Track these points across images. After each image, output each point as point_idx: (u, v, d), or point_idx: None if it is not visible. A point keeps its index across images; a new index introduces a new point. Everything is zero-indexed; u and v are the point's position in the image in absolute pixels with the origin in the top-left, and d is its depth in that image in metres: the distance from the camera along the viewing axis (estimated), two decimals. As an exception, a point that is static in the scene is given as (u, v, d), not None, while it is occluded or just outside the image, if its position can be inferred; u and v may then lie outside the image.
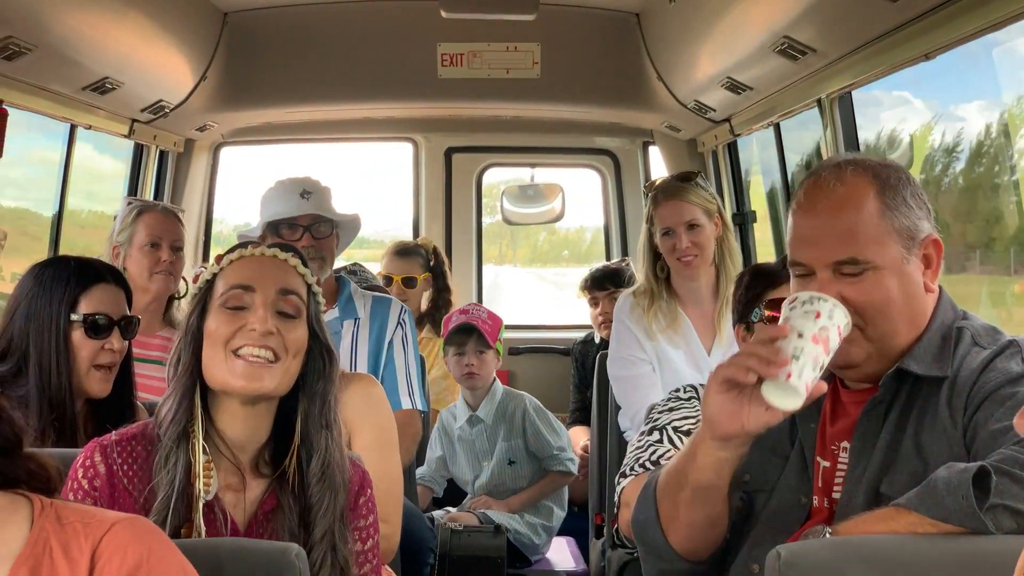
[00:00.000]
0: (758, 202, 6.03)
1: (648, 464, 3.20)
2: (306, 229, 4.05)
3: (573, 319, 7.19)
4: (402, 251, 6.03)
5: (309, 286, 2.45)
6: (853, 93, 4.31)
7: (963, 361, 2.22)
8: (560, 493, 5.28)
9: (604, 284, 5.91)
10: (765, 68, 4.51)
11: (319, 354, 2.43)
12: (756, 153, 6.07)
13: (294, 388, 2.39)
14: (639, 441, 3.29)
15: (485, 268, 7.46)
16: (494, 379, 5.27)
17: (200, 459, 2.29)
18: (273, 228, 4.07)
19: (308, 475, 2.36)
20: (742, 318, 3.25)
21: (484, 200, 7.30)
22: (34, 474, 1.86)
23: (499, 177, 7.57)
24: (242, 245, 2.47)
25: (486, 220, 7.43)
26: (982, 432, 2.10)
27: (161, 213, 4.50)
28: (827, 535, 2.04)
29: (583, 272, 6.24)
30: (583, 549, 5.23)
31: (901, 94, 4.63)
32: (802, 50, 4.06)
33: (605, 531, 4.45)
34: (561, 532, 5.34)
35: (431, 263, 6.06)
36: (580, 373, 6.12)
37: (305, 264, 2.48)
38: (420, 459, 5.22)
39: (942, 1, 3.12)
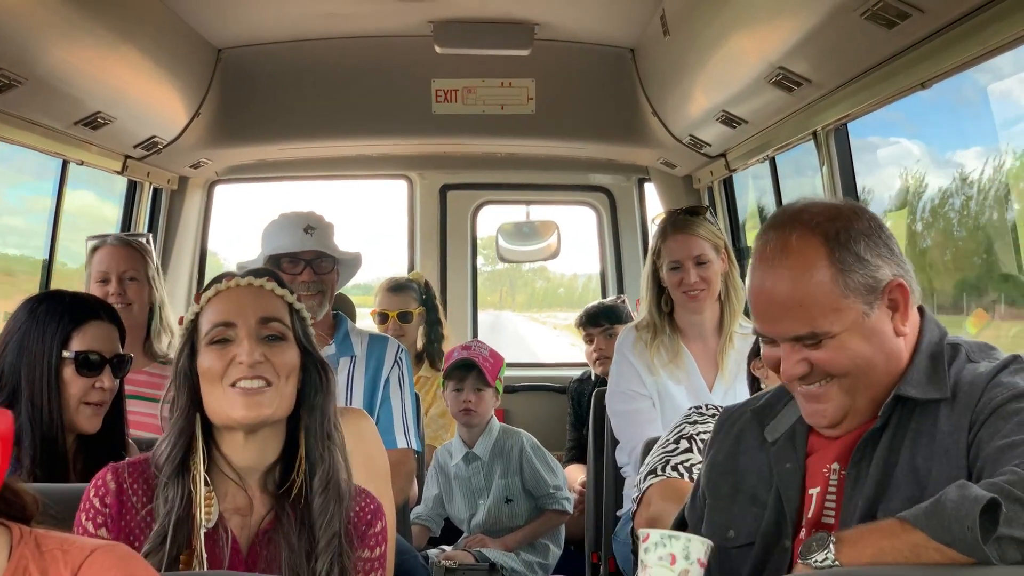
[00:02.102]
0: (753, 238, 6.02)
1: (681, 469, 3.14)
2: (307, 264, 4.05)
3: (567, 356, 7.15)
4: (395, 287, 5.99)
5: (290, 305, 2.51)
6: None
7: (959, 377, 2.18)
8: (556, 531, 5.22)
9: (598, 321, 5.89)
10: (760, 100, 4.50)
11: (313, 369, 2.49)
12: (751, 188, 6.06)
13: (297, 407, 2.46)
14: (666, 446, 3.24)
15: (487, 312, 7.41)
16: (491, 416, 5.21)
17: (201, 490, 2.34)
18: (274, 261, 4.05)
19: (312, 488, 2.41)
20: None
21: (481, 251, 7.25)
22: (9, 502, 1.85)
23: (494, 220, 7.55)
24: (217, 280, 2.52)
25: (486, 269, 7.38)
26: (987, 448, 2.04)
27: (111, 246, 4.41)
28: (831, 544, 1.99)
29: (574, 315, 6.22)
30: (579, 588, 5.16)
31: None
32: (797, 81, 4.05)
33: (602, 570, 4.39)
34: (557, 571, 5.27)
35: (423, 296, 6.03)
36: (576, 411, 6.09)
37: (282, 284, 2.52)
38: (419, 498, 5.17)
39: (939, 27, 3.11)
